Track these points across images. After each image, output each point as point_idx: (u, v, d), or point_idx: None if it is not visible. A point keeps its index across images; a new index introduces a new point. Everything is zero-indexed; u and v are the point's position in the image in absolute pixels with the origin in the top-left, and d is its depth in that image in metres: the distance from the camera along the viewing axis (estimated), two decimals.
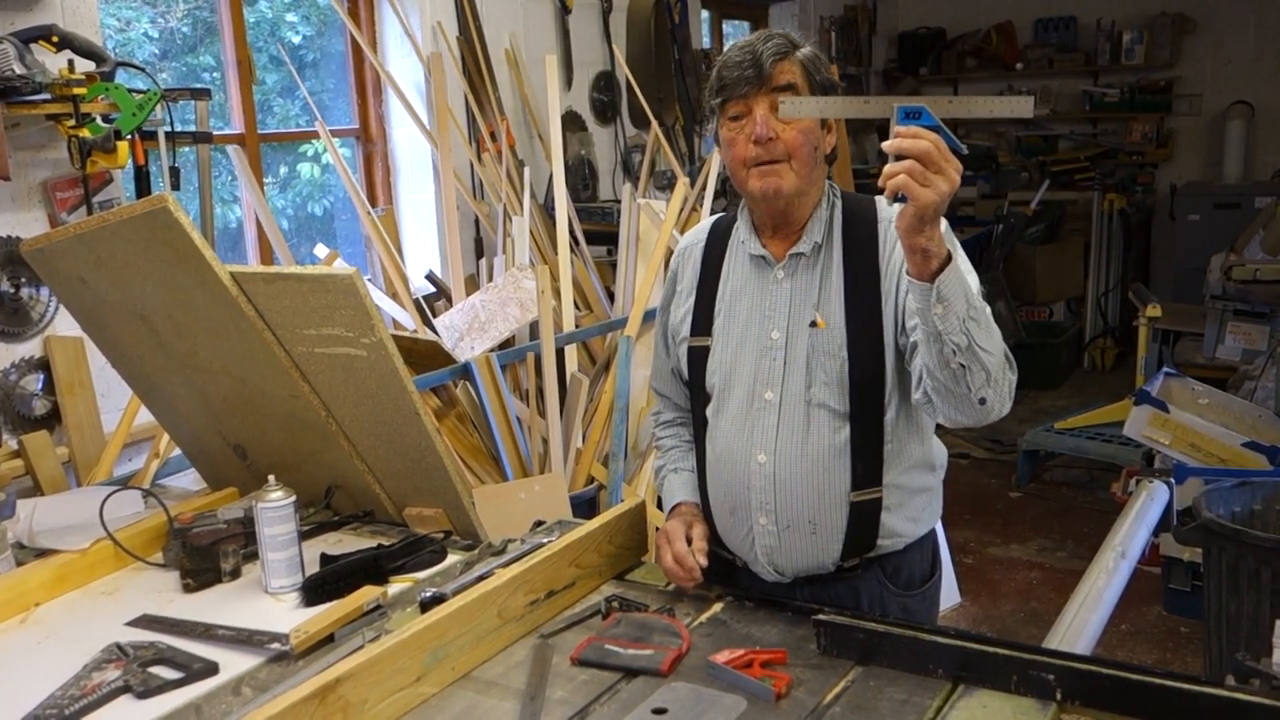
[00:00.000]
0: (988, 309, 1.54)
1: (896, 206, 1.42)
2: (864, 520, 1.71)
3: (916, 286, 1.46)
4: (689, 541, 1.76)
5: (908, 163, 1.36)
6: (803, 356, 1.70)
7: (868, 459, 1.69)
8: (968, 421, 1.56)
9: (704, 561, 1.74)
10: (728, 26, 6.91)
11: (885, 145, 1.39)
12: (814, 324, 1.69)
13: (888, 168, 1.38)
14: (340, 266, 2.28)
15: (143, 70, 3.02)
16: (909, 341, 1.61)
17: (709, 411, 1.79)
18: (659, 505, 1.95)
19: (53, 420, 2.92)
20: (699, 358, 1.80)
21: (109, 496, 2.08)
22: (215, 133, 3.38)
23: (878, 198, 1.69)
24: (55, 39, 2.77)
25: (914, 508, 1.76)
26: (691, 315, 1.82)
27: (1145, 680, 1.35)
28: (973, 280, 1.54)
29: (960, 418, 1.56)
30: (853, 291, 1.69)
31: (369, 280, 3.93)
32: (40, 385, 2.90)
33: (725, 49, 1.71)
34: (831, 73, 1.73)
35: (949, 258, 1.43)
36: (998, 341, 1.51)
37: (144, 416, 2.79)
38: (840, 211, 1.75)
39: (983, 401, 1.51)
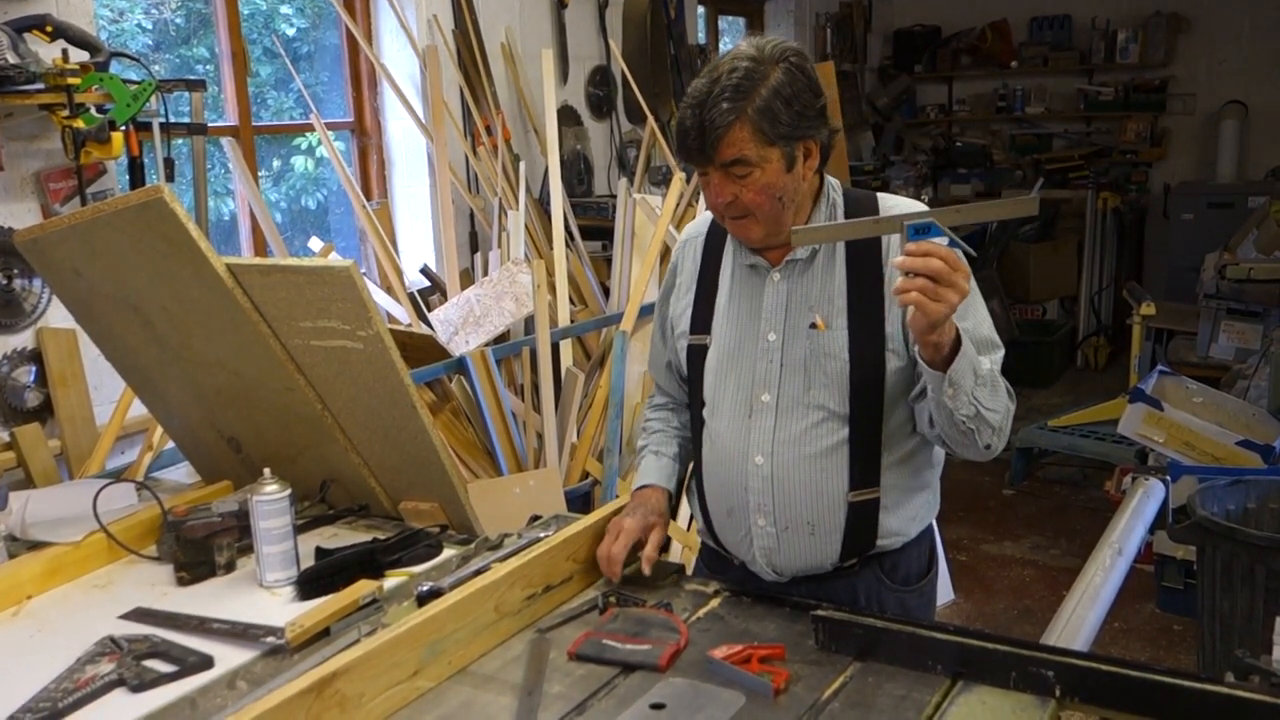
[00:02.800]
0: (997, 355, 1.64)
1: (898, 202, 1.43)
2: (862, 520, 1.70)
3: (929, 373, 1.53)
4: (640, 545, 1.79)
5: (919, 281, 1.41)
6: (800, 358, 1.69)
7: (866, 460, 1.69)
8: (973, 458, 1.66)
9: (647, 571, 1.77)
10: (723, 22, 6.91)
11: (895, 262, 1.45)
12: (813, 326, 1.68)
13: (900, 283, 1.43)
14: (336, 259, 2.27)
15: (137, 61, 3.00)
16: (919, 389, 1.65)
17: (706, 412, 1.79)
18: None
19: (45, 412, 2.90)
20: (697, 356, 1.80)
21: (102, 489, 2.06)
22: (209, 125, 3.36)
23: (880, 195, 1.74)
24: (49, 28, 2.75)
25: (913, 506, 1.75)
26: (691, 311, 1.82)
27: (1145, 677, 1.34)
28: (979, 328, 1.63)
29: (967, 455, 1.66)
30: (855, 293, 1.68)
31: (363, 274, 3.92)
32: (32, 377, 2.89)
33: (690, 87, 1.66)
34: (823, 78, 1.68)
35: (958, 340, 1.50)
36: (1003, 397, 1.60)
37: (137, 409, 2.78)
38: (841, 212, 1.73)
39: (988, 447, 1.62)
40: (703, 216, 1.90)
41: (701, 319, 1.80)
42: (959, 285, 1.42)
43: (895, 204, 1.72)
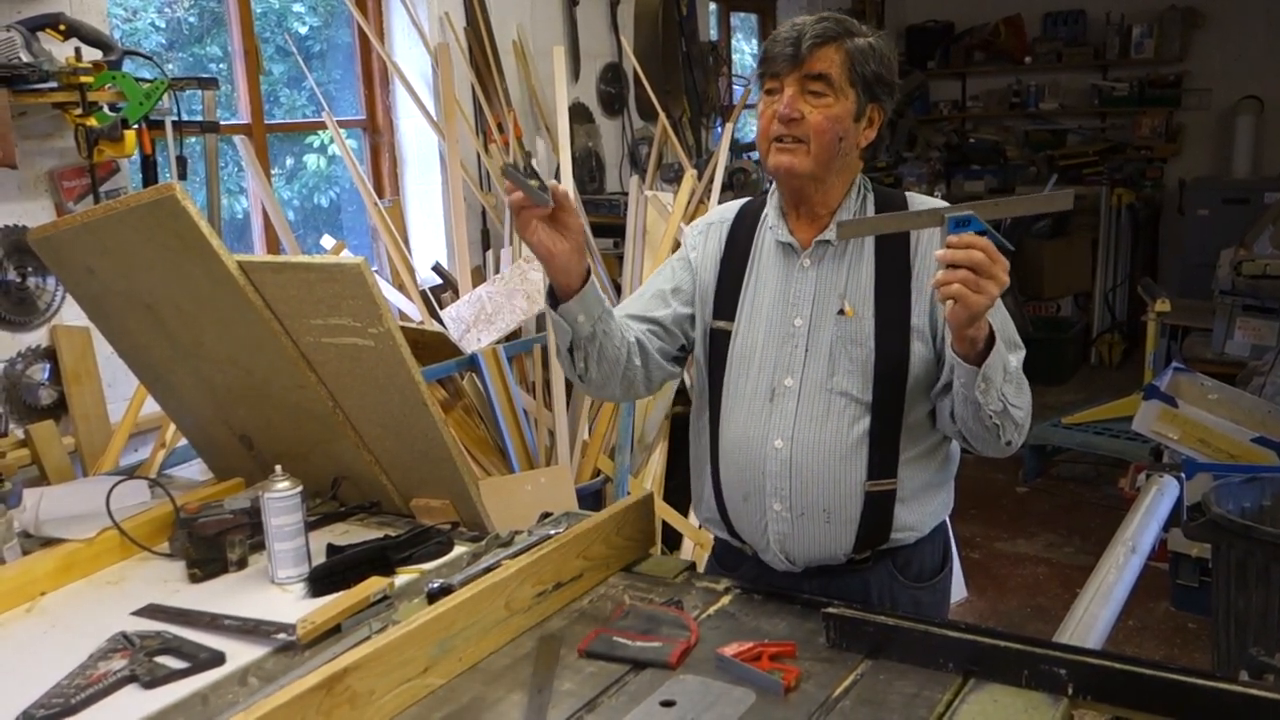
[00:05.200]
0: (1019, 355, 1.64)
1: (925, 200, 1.56)
2: (878, 511, 1.71)
3: (962, 368, 1.54)
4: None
5: (962, 272, 1.43)
6: (826, 344, 1.70)
7: (885, 449, 1.69)
8: (992, 455, 1.67)
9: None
10: (735, 19, 6.89)
11: (939, 255, 1.46)
12: (841, 312, 1.70)
13: (942, 275, 1.45)
14: (348, 256, 2.27)
15: (150, 59, 3.01)
16: (943, 384, 1.66)
17: (725, 395, 1.78)
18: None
19: (59, 410, 2.91)
20: (721, 341, 1.79)
21: (115, 486, 2.07)
22: (222, 123, 3.36)
23: (909, 193, 1.77)
24: (62, 27, 2.76)
25: (928, 501, 1.76)
26: (714, 298, 1.81)
27: (1158, 675, 1.34)
28: (1002, 330, 1.62)
29: (987, 451, 1.66)
30: (883, 283, 1.70)
31: (375, 271, 3.92)
32: (46, 374, 2.90)
33: (777, 28, 1.74)
34: (891, 67, 1.73)
35: (992, 335, 1.51)
36: (1027, 394, 1.62)
37: (150, 406, 2.79)
38: (872, 204, 1.76)
39: (1009, 444, 1.63)
40: (729, 204, 1.91)
41: (726, 304, 1.80)
42: (999, 277, 1.44)
43: (923, 202, 1.75)
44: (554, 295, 1.70)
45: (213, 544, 1.93)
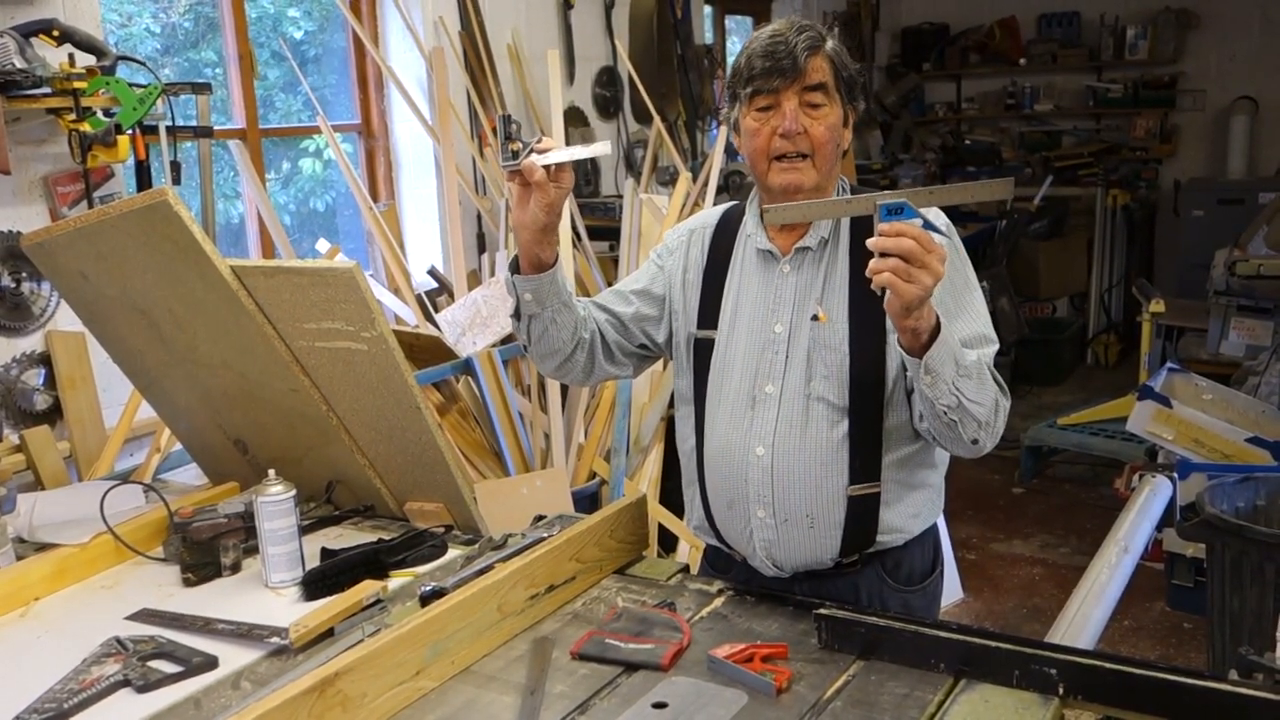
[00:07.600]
0: (990, 350, 1.62)
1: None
2: (862, 515, 1.70)
3: (908, 360, 1.52)
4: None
5: (893, 261, 1.40)
6: (804, 350, 1.70)
7: (866, 454, 1.69)
8: (963, 455, 1.65)
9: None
10: (730, 21, 6.90)
11: (870, 243, 1.43)
12: (815, 317, 1.69)
13: (873, 264, 1.42)
14: (340, 260, 2.28)
15: (143, 64, 3.01)
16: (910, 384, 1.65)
17: (708, 404, 1.79)
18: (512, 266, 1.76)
19: (54, 415, 2.92)
20: (705, 350, 1.80)
21: (109, 491, 2.07)
22: (217, 128, 3.37)
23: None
24: (56, 33, 2.76)
25: (914, 503, 1.75)
26: (698, 307, 1.82)
27: (1148, 675, 1.34)
28: (973, 324, 1.62)
29: (956, 451, 1.65)
30: (858, 287, 1.69)
31: (371, 276, 3.93)
32: (41, 380, 2.90)
33: (754, 34, 1.72)
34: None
35: (938, 327, 1.48)
36: (989, 392, 1.57)
37: (145, 411, 2.79)
38: None
39: (975, 442, 1.59)
40: (711, 210, 1.91)
41: (709, 314, 1.80)
42: (932, 267, 1.40)
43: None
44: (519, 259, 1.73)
45: (207, 548, 1.94)
